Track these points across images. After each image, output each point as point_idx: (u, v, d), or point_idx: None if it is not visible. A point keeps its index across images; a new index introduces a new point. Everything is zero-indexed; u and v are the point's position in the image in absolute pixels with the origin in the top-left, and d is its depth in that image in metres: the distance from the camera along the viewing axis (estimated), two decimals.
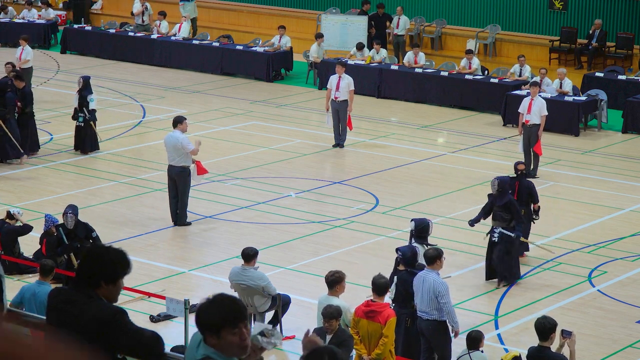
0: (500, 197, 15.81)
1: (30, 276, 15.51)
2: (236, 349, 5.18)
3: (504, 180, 16.01)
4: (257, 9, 36.50)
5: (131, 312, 6.34)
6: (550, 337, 10.77)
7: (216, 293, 5.26)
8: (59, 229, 15.51)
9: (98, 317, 5.62)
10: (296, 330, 14.11)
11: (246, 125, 25.22)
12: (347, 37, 31.35)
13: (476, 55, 29.76)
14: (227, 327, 5.12)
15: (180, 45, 31.78)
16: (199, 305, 5.19)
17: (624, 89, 26.80)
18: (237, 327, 5.14)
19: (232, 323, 5.13)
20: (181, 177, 18.03)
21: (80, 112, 22.18)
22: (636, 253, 17.43)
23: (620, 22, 30.90)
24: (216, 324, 5.13)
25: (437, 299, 12.36)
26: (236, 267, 13.93)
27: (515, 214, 15.80)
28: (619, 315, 15.02)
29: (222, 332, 5.12)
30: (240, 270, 13.81)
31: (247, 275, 13.75)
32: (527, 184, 16.93)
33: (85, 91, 22.13)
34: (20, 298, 12.68)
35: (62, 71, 31.20)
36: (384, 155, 22.89)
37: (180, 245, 17.65)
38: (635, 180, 21.63)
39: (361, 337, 11.85)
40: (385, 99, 28.22)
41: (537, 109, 21.37)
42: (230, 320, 5.13)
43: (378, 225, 18.41)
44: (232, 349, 5.18)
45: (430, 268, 12.58)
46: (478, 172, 21.73)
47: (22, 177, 20.84)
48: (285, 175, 21.25)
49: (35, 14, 35.65)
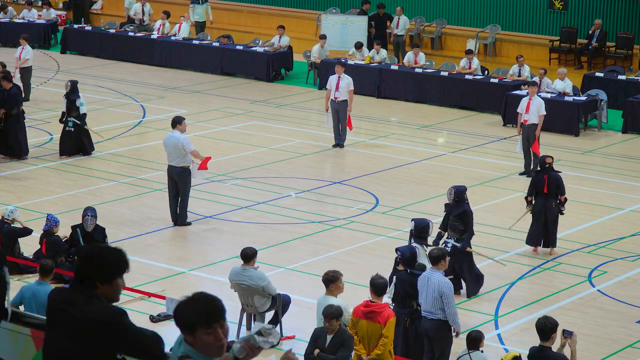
0: (456, 207, 15.37)
1: (30, 276, 15.50)
2: (212, 348, 5.17)
3: (461, 189, 15.52)
4: (257, 9, 36.50)
5: (131, 312, 6.34)
6: (551, 337, 10.77)
7: (196, 292, 5.28)
8: (76, 230, 15.37)
9: (98, 318, 5.62)
10: (296, 330, 14.11)
11: (246, 125, 25.22)
12: (347, 37, 31.35)
13: (476, 55, 29.76)
14: (201, 326, 5.14)
15: (180, 45, 31.78)
16: (177, 303, 5.21)
17: (624, 89, 26.80)
18: (211, 327, 5.14)
19: (206, 322, 5.14)
20: (182, 177, 18.02)
21: (69, 116, 21.83)
22: (636, 253, 17.43)
23: (620, 22, 30.90)
24: (190, 323, 5.15)
25: (442, 299, 12.35)
26: (236, 267, 13.93)
27: (468, 225, 15.32)
28: (619, 315, 15.02)
29: (197, 331, 5.14)
30: (240, 270, 13.81)
31: (247, 275, 13.75)
32: (555, 176, 17.09)
33: (73, 95, 21.78)
34: (20, 298, 12.69)
35: (62, 71, 31.19)
36: (384, 155, 22.89)
37: (180, 245, 17.64)
38: (635, 180, 21.63)
39: (360, 337, 11.84)
40: (385, 99, 28.22)
41: (535, 108, 21.38)
42: (204, 319, 5.14)
43: (378, 225, 18.41)
44: (207, 349, 5.17)
45: (434, 268, 12.56)
46: (478, 172, 21.73)
47: (22, 177, 20.84)
48: (285, 175, 21.25)
49: (35, 14, 35.65)
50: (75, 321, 5.65)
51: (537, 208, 17.07)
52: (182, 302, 5.23)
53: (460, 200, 15.37)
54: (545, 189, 16.91)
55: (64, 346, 5.70)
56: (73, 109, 21.85)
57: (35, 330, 6.27)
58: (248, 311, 14.01)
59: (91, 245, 5.94)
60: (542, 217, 17.01)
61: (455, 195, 15.38)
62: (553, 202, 16.93)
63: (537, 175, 17.22)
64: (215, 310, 5.18)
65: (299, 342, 13.37)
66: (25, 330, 6.34)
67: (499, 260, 16.13)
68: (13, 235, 16.00)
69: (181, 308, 5.20)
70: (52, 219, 15.85)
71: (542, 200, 17.01)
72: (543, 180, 16.94)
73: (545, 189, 16.91)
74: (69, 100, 21.86)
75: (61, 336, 5.72)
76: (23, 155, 21.81)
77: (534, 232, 17.16)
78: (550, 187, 16.93)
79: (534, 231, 17.14)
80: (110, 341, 5.63)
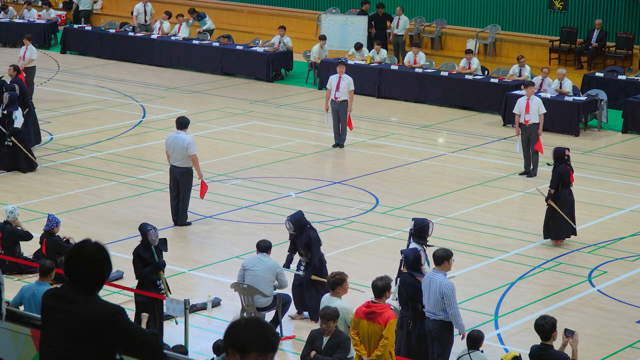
0: (300, 237, 14.47)
1: (30, 276, 15.51)
2: None
3: (296, 217, 14.53)
4: (257, 9, 36.50)
5: (131, 312, 6.33)
6: (551, 335, 10.78)
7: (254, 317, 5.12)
8: (150, 248, 13.66)
9: (97, 317, 5.61)
10: (296, 330, 14.11)
11: (246, 125, 25.22)
12: (347, 37, 31.35)
13: (476, 55, 29.76)
14: (255, 351, 4.96)
15: (180, 45, 31.78)
16: (234, 321, 5.03)
17: (624, 89, 26.81)
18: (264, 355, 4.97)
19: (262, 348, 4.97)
20: (184, 177, 18.04)
21: (5, 129, 20.64)
22: (636, 253, 17.43)
23: (620, 22, 30.90)
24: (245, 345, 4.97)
25: (443, 300, 12.33)
26: (253, 256, 14.21)
27: (312, 253, 14.42)
28: (619, 315, 15.02)
29: (249, 355, 4.95)
30: (257, 257, 14.07)
31: (262, 261, 13.93)
32: (571, 167, 17.66)
33: (11, 107, 20.57)
34: (20, 298, 12.68)
35: (62, 71, 31.20)
36: (384, 155, 22.89)
37: (180, 245, 17.64)
38: (635, 180, 21.63)
39: (361, 338, 11.84)
40: (385, 99, 28.22)
41: (535, 108, 21.39)
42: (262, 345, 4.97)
43: (378, 225, 18.41)
44: None
45: (437, 269, 12.52)
46: (478, 172, 21.73)
47: (22, 177, 20.83)
48: (285, 175, 21.25)
49: (35, 14, 35.66)
50: (74, 320, 5.64)
51: (563, 198, 17.45)
52: (241, 321, 5.03)
53: (301, 228, 14.47)
54: (572, 178, 17.43)
55: (63, 346, 5.69)
56: (10, 123, 20.62)
57: (35, 330, 6.26)
58: (248, 311, 14.01)
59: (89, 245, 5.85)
60: (569, 207, 17.46)
61: (294, 225, 14.46)
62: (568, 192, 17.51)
63: (560, 167, 17.38)
64: (274, 340, 5.01)
65: (299, 342, 13.37)
66: (25, 330, 6.34)
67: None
68: (14, 236, 16.00)
69: (238, 329, 5.01)
70: (54, 220, 15.84)
71: (567, 191, 17.48)
72: (567, 171, 17.34)
73: (572, 178, 17.43)
74: (8, 114, 20.53)
75: (59, 336, 5.71)
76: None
77: (563, 224, 17.48)
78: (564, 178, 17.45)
79: (563, 222, 17.45)
80: (109, 339, 5.62)
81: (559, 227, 17.52)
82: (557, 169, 17.36)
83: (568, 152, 17.45)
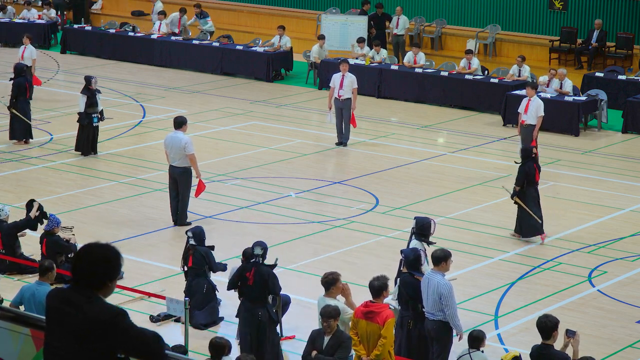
0: None
1: (30, 276, 15.49)
2: None
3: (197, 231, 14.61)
4: (257, 9, 36.51)
5: (131, 312, 6.33)
6: (552, 335, 10.78)
7: None
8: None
9: (99, 317, 5.61)
10: (296, 330, 14.11)
11: (246, 125, 25.23)
12: (347, 37, 31.36)
13: (476, 55, 29.77)
14: None
15: (180, 45, 31.79)
16: None
17: (624, 89, 26.81)
18: None
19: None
20: (183, 177, 18.03)
21: None
22: (636, 253, 17.43)
23: (620, 22, 30.91)
24: None
25: (441, 301, 12.33)
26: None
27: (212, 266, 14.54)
28: (619, 315, 15.02)
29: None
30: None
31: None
32: (538, 165, 17.88)
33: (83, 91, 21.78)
34: (20, 298, 12.67)
35: (62, 71, 31.21)
36: (384, 155, 22.89)
37: (180, 245, 17.56)
38: (635, 180, 21.63)
39: (360, 337, 11.84)
40: (385, 99, 28.23)
41: (533, 109, 21.42)
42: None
43: (378, 225, 18.41)
44: None
45: (436, 269, 12.52)
46: (478, 172, 21.74)
47: (22, 177, 20.84)
48: (285, 175, 21.25)
49: (35, 14, 35.66)
50: (76, 321, 5.64)
51: (533, 196, 17.59)
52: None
53: (199, 242, 14.52)
54: (537, 177, 17.53)
55: (65, 346, 5.70)
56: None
57: (35, 330, 6.26)
58: None
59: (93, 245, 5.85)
60: (536, 204, 17.62)
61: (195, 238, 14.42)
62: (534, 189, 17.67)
63: (526, 165, 17.52)
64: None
65: (299, 342, 13.36)
66: (25, 330, 6.34)
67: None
68: (13, 230, 15.90)
69: None
70: (55, 220, 15.82)
71: (533, 189, 17.60)
72: (533, 169, 17.48)
73: (537, 177, 17.53)
74: None
75: (62, 336, 5.71)
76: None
77: (537, 222, 17.57)
78: None
79: (533, 219, 17.55)
80: (111, 341, 5.63)
81: (530, 225, 17.69)
82: (524, 166, 17.55)
83: (536, 151, 17.79)
